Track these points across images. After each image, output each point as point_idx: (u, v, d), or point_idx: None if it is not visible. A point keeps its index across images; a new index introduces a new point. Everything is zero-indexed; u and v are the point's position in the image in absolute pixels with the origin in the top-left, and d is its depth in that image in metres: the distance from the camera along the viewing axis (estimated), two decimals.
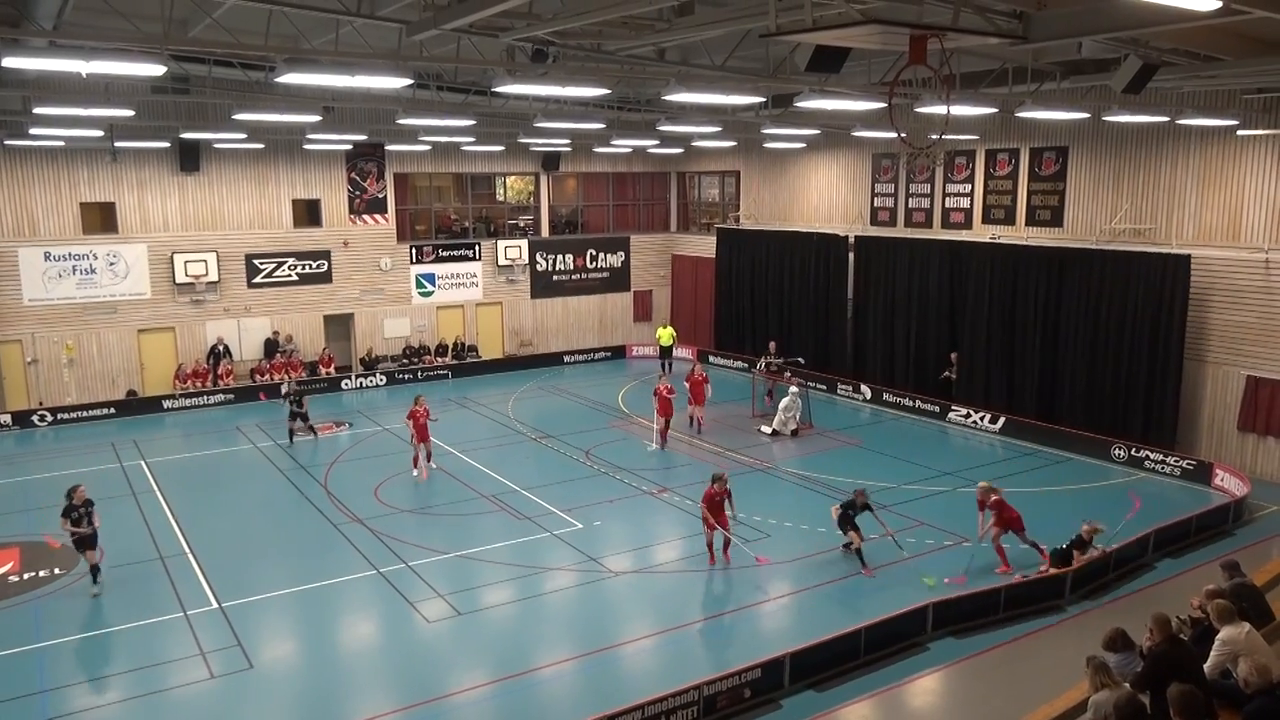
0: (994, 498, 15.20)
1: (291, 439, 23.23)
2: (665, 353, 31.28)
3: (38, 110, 18.19)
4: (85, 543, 14.85)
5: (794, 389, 23.80)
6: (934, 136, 14.78)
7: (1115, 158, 22.30)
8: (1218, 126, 19.79)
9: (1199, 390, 20.82)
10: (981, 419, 23.94)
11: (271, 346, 29.16)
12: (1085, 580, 14.35)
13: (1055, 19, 9.33)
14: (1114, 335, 21.69)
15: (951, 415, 24.66)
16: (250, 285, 28.93)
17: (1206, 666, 8.15)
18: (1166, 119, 19.01)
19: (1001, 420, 23.51)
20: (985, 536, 15.29)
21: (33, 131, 21.58)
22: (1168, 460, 20.07)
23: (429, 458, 20.57)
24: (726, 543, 15.58)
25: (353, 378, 29.82)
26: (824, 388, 28.00)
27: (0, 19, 11.94)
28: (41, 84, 17.96)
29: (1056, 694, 9.33)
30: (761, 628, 13.70)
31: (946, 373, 25.48)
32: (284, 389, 23.58)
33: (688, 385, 23.52)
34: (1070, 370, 22.70)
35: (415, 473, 20.24)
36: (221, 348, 28.39)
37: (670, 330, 31.56)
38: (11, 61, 11.04)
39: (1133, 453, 20.64)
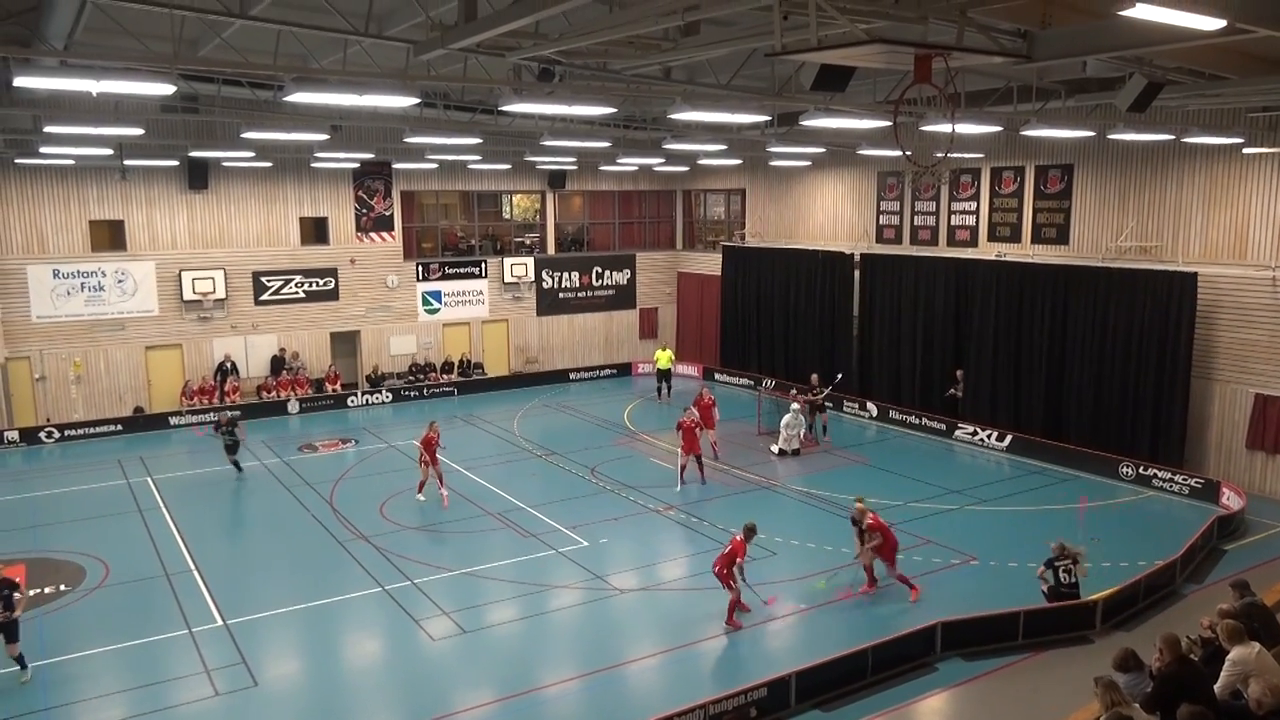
0: (870, 519, 14.81)
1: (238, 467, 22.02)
2: (663, 376, 29.99)
3: (48, 129, 18.34)
4: (3, 632, 12.56)
5: (795, 406, 23.70)
6: (939, 155, 14.79)
7: (1121, 176, 22.32)
8: (1223, 145, 19.81)
9: (1206, 408, 20.75)
10: (988, 437, 23.87)
11: (278, 363, 29.23)
12: (1116, 610, 13.88)
13: (1060, 38, 9.36)
14: (1121, 353, 21.64)
15: (958, 433, 24.58)
16: (257, 302, 29.03)
17: (1217, 687, 8.09)
18: (1172, 137, 19.04)
19: (1008, 438, 23.44)
20: (862, 555, 14.95)
21: (43, 150, 21.75)
22: (1175, 479, 19.97)
23: (440, 482, 19.85)
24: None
25: (359, 395, 29.85)
26: (830, 405, 27.90)
27: (11, 39, 12.06)
28: (52, 103, 18.11)
29: (1065, 715, 9.26)
30: (768, 646, 13.62)
31: (952, 390, 25.42)
32: (221, 418, 22.36)
33: (696, 410, 22.88)
34: (1077, 388, 22.64)
35: (420, 496, 19.81)
36: (229, 365, 28.47)
37: (669, 353, 30.60)
38: (23, 81, 11.16)
39: (1140, 471, 20.55)
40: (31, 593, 15.50)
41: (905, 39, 7.98)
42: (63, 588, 15.69)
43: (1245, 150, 19.63)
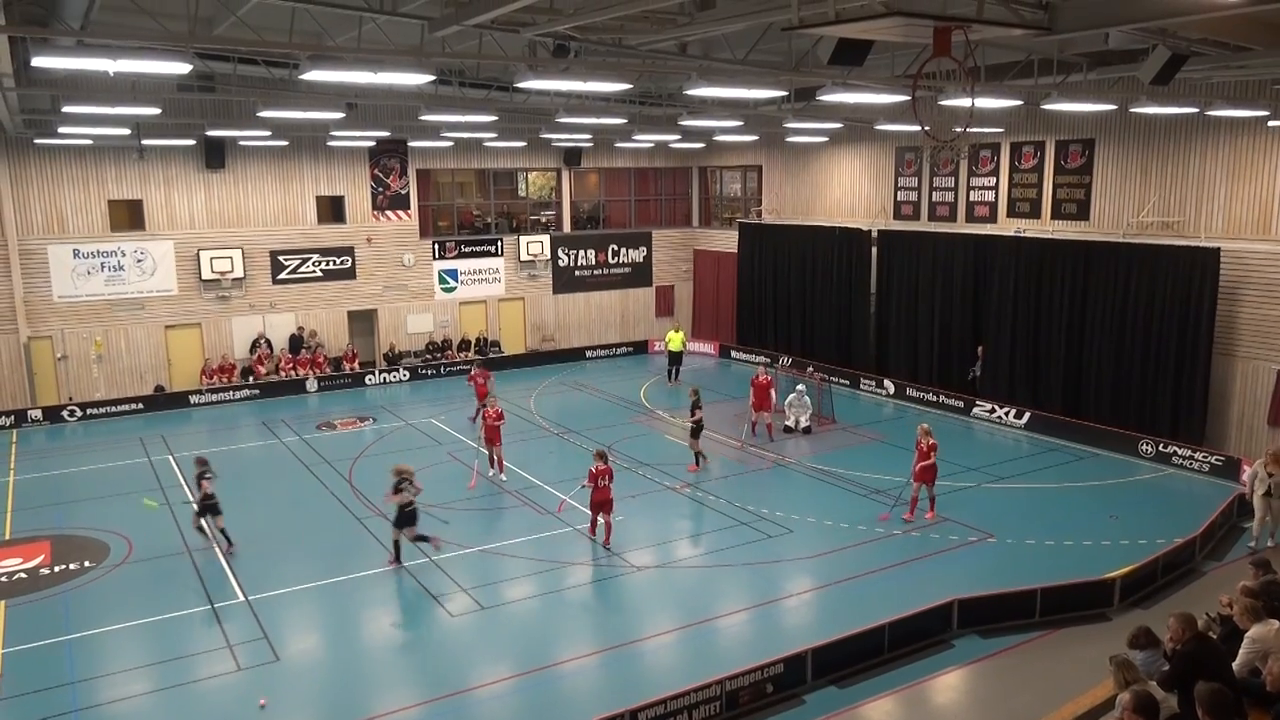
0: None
1: None
2: (674, 358, 29.15)
3: (66, 109, 18.40)
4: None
5: (800, 386, 23.62)
6: (958, 129, 14.64)
7: (1143, 150, 22.03)
8: (1247, 118, 19.50)
9: (1228, 385, 20.55)
10: (1006, 414, 23.76)
11: (296, 342, 29.39)
12: (1134, 588, 13.85)
13: (1081, 9, 9.21)
14: (1141, 330, 21.45)
15: (976, 410, 24.47)
16: (275, 281, 29.16)
17: (1235, 665, 8.06)
18: (1195, 110, 18.76)
19: (1027, 415, 23.32)
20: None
21: (61, 130, 21.83)
22: (1196, 456, 19.83)
23: (493, 462, 20.00)
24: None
25: (376, 373, 29.99)
26: (847, 383, 27.88)
27: (29, 19, 12.08)
28: (70, 83, 18.14)
29: (1082, 691, 9.26)
30: (784, 623, 13.67)
31: (973, 372, 25.27)
32: None
33: (752, 390, 22.51)
34: (1097, 365, 22.48)
35: (501, 475, 19.90)
36: (263, 342, 28.72)
37: (681, 334, 29.75)
38: (41, 61, 11.18)
39: (1160, 448, 20.41)
40: (56, 569, 15.74)
41: (924, 11, 7.87)
42: (87, 564, 15.91)
43: (1270, 123, 19.33)
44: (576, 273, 34.45)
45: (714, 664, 11.96)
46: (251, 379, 28.37)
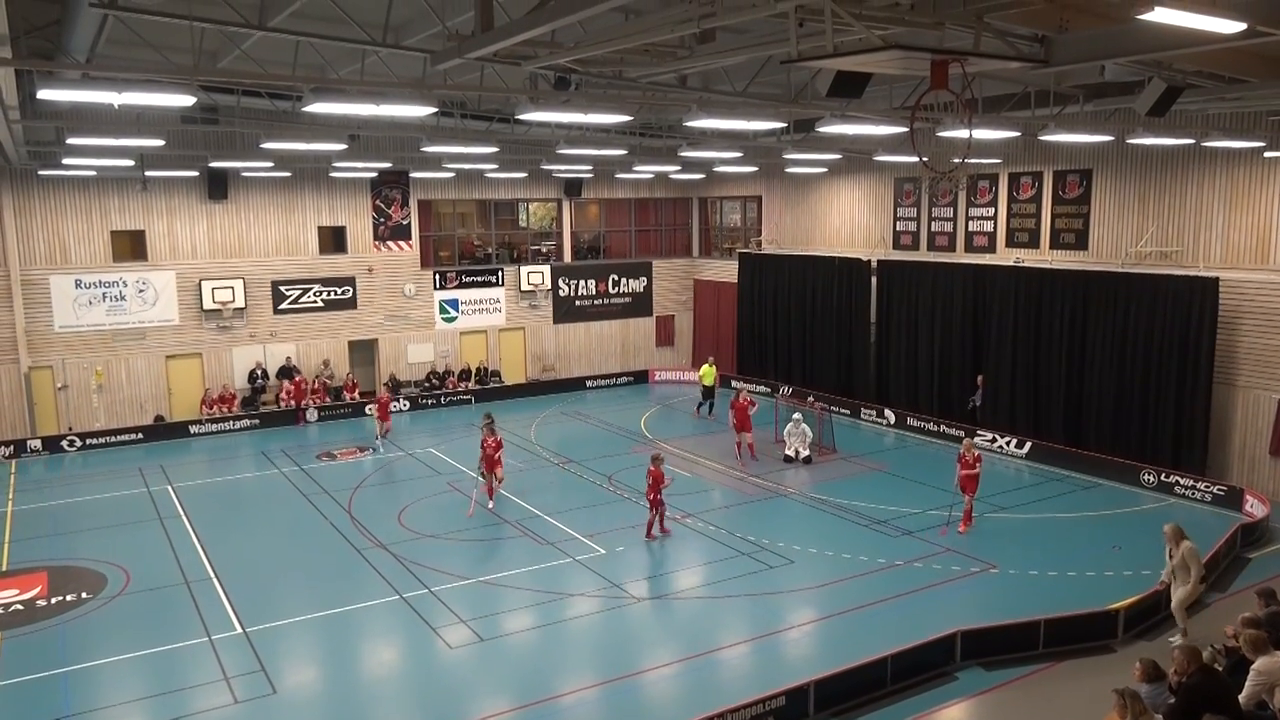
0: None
1: None
2: (707, 392, 28.68)
3: (70, 140, 18.53)
4: None
5: (797, 415, 23.58)
6: (956, 160, 14.74)
7: (1140, 180, 22.16)
8: (1244, 148, 19.64)
9: (1229, 415, 20.53)
10: (1008, 444, 23.71)
11: (285, 373, 29.21)
12: (1138, 619, 13.74)
13: (1077, 42, 9.31)
14: (1141, 359, 21.46)
15: (977, 440, 24.34)
16: (276, 311, 29.22)
17: (1241, 697, 7.99)
18: (1192, 141, 18.90)
19: (1028, 445, 23.27)
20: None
21: (65, 161, 21.98)
22: (1198, 486, 19.76)
23: (491, 492, 19.92)
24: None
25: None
26: (847, 412, 27.85)
27: (35, 52, 12.21)
28: (74, 115, 18.32)
29: None
30: (785, 655, 13.55)
31: (973, 401, 25.24)
32: None
33: (733, 412, 22.97)
34: (1097, 395, 22.46)
35: (489, 503, 19.84)
36: (259, 372, 28.72)
37: (713, 369, 29.13)
38: (46, 94, 11.28)
39: (1162, 478, 20.35)
40: (54, 600, 15.64)
41: (921, 45, 7.94)
42: (84, 595, 15.80)
43: (1267, 154, 19.45)
44: (577, 303, 34.53)
45: (715, 696, 11.84)
46: (314, 400, 28.78)
